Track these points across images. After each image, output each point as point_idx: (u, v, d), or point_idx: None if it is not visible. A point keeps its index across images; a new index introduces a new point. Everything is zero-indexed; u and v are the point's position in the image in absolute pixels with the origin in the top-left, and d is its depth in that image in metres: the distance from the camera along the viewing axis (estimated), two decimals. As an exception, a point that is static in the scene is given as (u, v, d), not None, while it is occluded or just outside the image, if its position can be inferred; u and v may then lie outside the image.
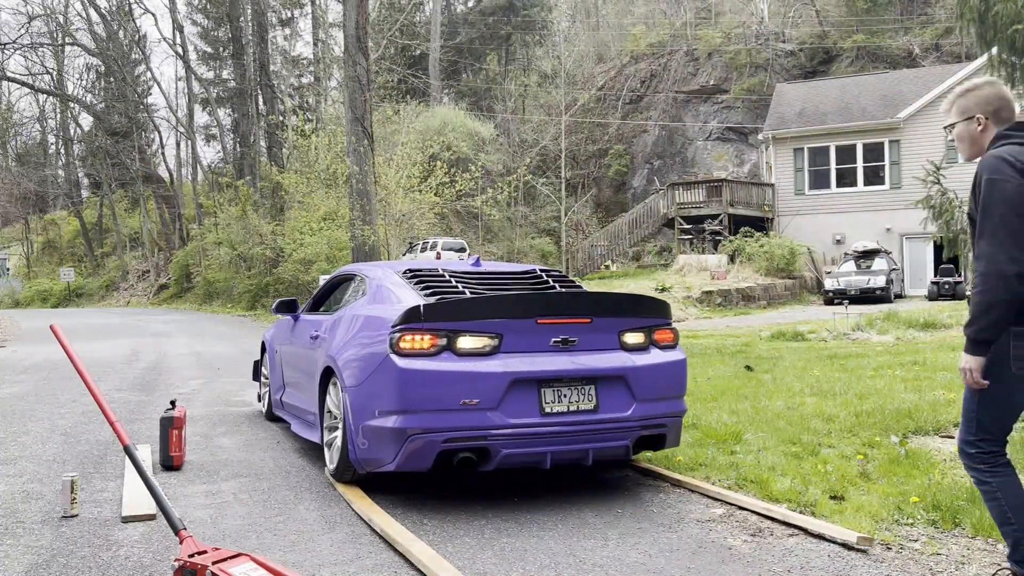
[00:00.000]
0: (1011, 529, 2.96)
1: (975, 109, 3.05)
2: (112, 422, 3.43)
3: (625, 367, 4.41)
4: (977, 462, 2.98)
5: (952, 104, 3.13)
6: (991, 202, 2.81)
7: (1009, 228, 2.77)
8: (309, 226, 24.91)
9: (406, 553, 3.53)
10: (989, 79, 3.18)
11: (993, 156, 2.89)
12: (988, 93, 3.05)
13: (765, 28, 37.71)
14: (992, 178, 2.83)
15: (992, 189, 2.82)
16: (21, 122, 53.46)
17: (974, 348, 2.85)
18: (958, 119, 3.09)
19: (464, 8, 46.58)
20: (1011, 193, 2.79)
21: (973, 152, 3.09)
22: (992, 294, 2.77)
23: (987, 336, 2.82)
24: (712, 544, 3.74)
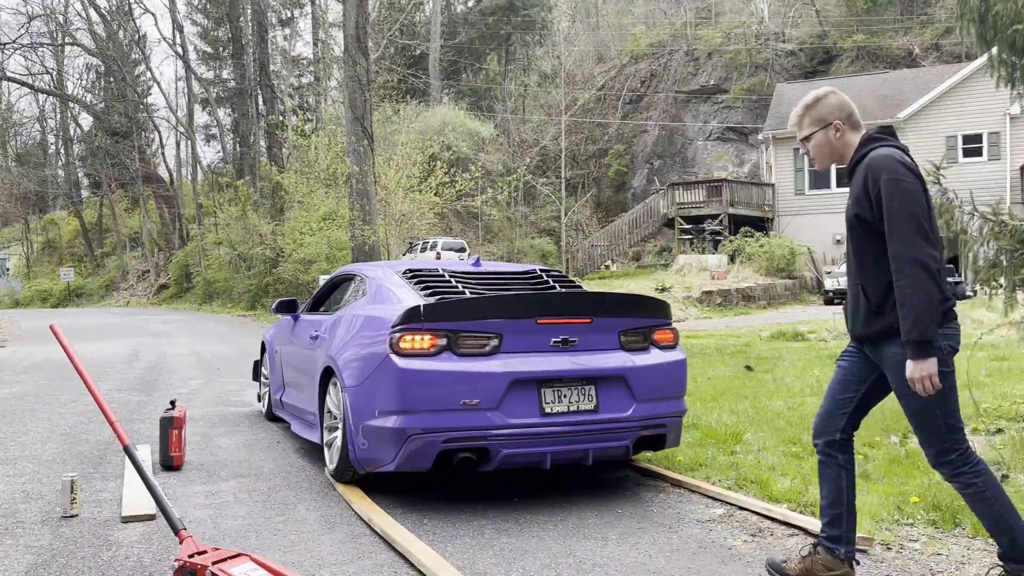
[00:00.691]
0: (1006, 527, 2.90)
1: (830, 116, 3.07)
2: (112, 422, 3.43)
3: (625, 367, 4.41)
4: (961, 465, 2.91)
5: (802, 117, 3.13)
6: (896, 203, 2.80)
7: (918, 227, 2.77)
8: (309, 226, 24.91)
9: (406, 553, 3.53)
10: (829, 88, 3.19)
11: (886, 157, 2.88)
12: (838, 100, 3.08)
13: (765, 28, 37.72)
14: (894, 178, 2.82)
15: (895, 189, 2.81)
16: (21, 122, 53.47)
17: (924, 351, 2.77)
18: (816, 128, 3.10)
19: (464, 8, 46.58)
20: (913, 192, 2.81)
21: (832, 159, 3.12)
22: (925, 292, 2.75)
23: (931, 335, 2.77)
24: (712, 544, 3.74)
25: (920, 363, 2.78)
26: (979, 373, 8.00)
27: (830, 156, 3.12)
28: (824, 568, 3.12)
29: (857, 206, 2.94)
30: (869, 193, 2.89)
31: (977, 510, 2.94)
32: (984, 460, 3.01)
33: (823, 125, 3.08)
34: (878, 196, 2.85)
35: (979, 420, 5.83)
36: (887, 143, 2.98)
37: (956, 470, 2.91)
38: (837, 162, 3.14)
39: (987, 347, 9.79)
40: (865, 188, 2.90)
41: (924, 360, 2.77)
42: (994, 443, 5.23)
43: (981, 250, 5.46)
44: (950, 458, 2.91)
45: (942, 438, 2.90)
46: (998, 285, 5.54)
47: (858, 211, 2.94)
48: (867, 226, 2.93)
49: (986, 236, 5.37)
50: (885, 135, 3.03)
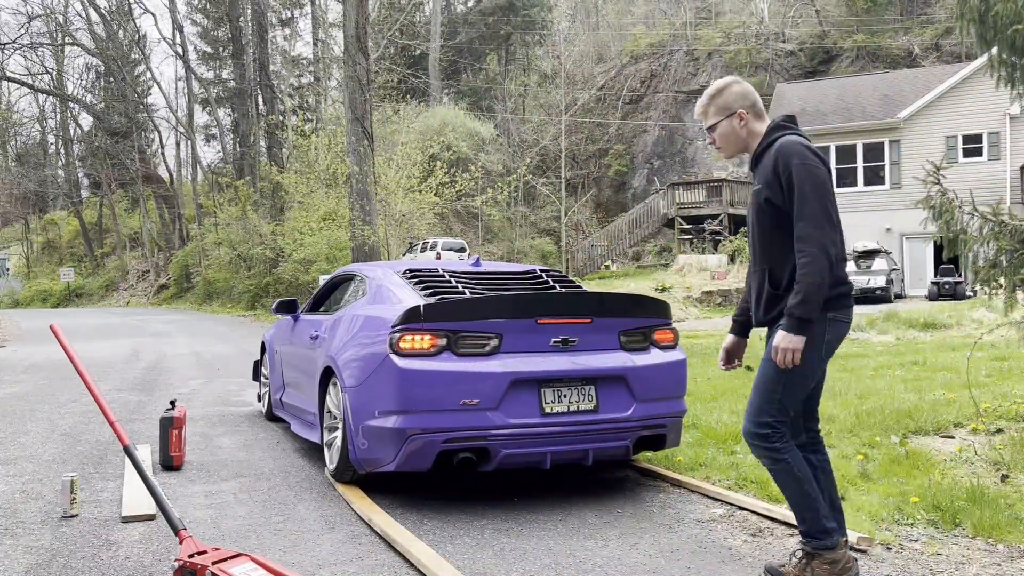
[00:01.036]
0: (806, 502, 2.97)
1: (735, 105, 3.11)
2: (112, 422, 3.43)
3: (625, 367, 4.41)
4: (774, 440, 2.97)
5: (707, 107, 3.16)
6: (808, 187, 2.85)
7: (826, 212, 2.84)
8: (309, 226, 24.91)
9: (406, 553, 3.53)
10: (734, 77, 3.21)
11: (796, 143, 2.93)
12: (741, 89, 3.12)
13: (765, 28, 37.73)
14: (805, 163, 2.87)
15: (806, 173, 2.86)
16: (21, 122, 53.47)
17: (801, 328, 2.85)
18: (720, 118, 3.13)
19: (464, 8, 46.58)
20: (823, 178, 2.87)
21: (739, 147, 3.15)
22: (821, 275, 2.81)
23: (814, 316, 2.85)
24: (712, 544, 3.74)
25: (791, 336, 2.86)
26: (979, 373, 8.00)
27: (736, 144, 3.15)
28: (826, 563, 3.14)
29: (768, 190, 2.97)
30: (780, 177, 2.93)
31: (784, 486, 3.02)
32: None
33: (728, 114, 3.11)
34: (789, 180, 2.89)
35: (979, 420, 5.83)
36: (793, 131, 3.04)
37: (767, 443, 2.98)
38: (743, 151, 3.17)
39: (987, 347, 9.79)
40: (776, 173, 2.93)
41: (796, 335, 2.85)
42: (994, 443, 5.23)
43: (981, 250, 5.46)
44: (765, 431, 2.98)
45: (770, 411, 2.97)
46: (998, 285, 5.54)
47: (769, 195, 2.97)
48: (776, 210, 2.97)
49: (986, 236, 5.37)
50: (789, 123, 3.08)
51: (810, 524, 3.01)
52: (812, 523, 3.00)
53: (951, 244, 5.48)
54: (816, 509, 2.99)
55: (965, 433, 5.65)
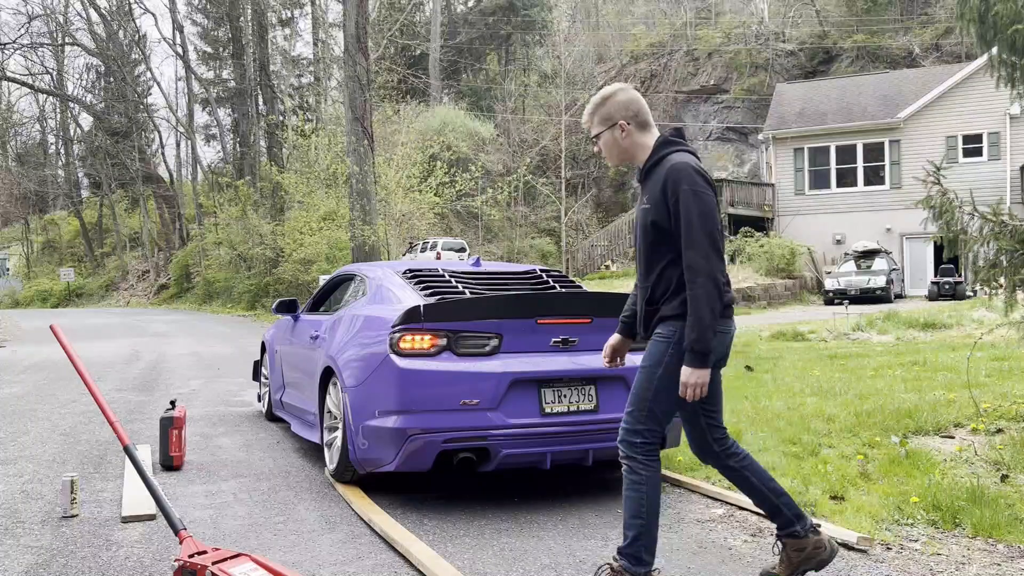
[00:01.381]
0: (638, 523, 2.96)
1: (616, 115, 3.05)
2: (112, 422, 3.43)
3: (625, 367, 4.40)
4: (638, 451, 2.96)
5: (592, 115, 3.11)
6: (694, 214, 2.82)
7: (713, 241, 2.81)
8: (309, 226, 24.92)
9: (406, 553, 3.53)
10: (621, 85, 3.16)
11: (686, 166, 2.89)
12: (625, 98, 3.06)
13: (765, 28, 37.73)
14: (695, 190, 2.84)
15: (695, 201, 2.83)
16: (21, 122, 53.51)
17: (703, 360, 2.83)
18: (603, 128, 3.08)
19: (464, 8, 46.59)
20: (711, 206, 2.84)
21: (623, 158, 3.11)
22: (712, 305, 2.80)
23: (711, 345, 2.83)
24: (712, 544, 3.74)
25: (696, 371, 2.83)
26: (979, 373, 8.00)
27: (619, 155, 3.11)
28: (798, 551, 3.13)
29: (655, 212, 2.94)
30: (667, 201, 2.89)
31: (627, 497, 2.99)
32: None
33: (609, 125, 3.06)
34: (676, 205, 2.86)
35: (979, 420, 5.83)
36: (681, 148, 3.00)
37: (633, 452, 2.96)
38: (628, 161, 3.12)
39: (987, 347, 9.79)
40: (664, 195, 2.90)
41: (700, 369, 2.83)
42: (994, 443, 5.23)
43: (981, 250, 5.46)
44: (635, 440, 2.97)
45: (641, 419, 2.96)
46: (998, 285, 5.54)
47: (655, 218, 2.94)
48: (659, 231, 2.95)
49: (986, 236, 5.37)
50: (678, 139, 3.04)
51: (629, 543, 2.98)
52: (631, 544, 2.97)
53: (951, 244, 5.48)
54: (639, 535, 2.96)
55: (965, 433, 5.65)
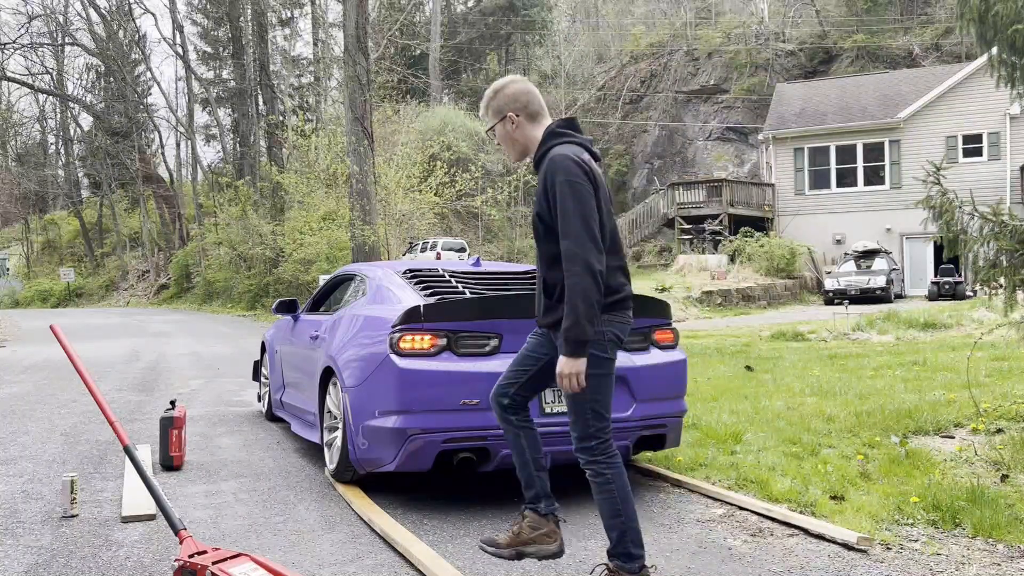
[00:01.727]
0: (619, 521, 2.95)
1: (506, 108, 3.06)
2: (112, 422, 3.43)
3: (625, 367, 4.41)
4: (598, 453, 2.97)
5: (486, 108, 3.13)
6: (571, 205, 2.82)
7: (588, 229, 2.81)
8: (309, 226, 24.92)
9: (406, 553, 3.53)
10: (513, 77, 3.17)
11: (563, 157, 2.89)
12: (514, 90, 3.07)
13: (765, 28, 37.73)
14: (570, 180, 2.84)
15: (569, 190, 2.83)
16: (21, 122, 53.49)
17: (578, 350, 2.83)
18: (495, 121, 3.11)
19: (464, 8, 46.59)
20: (586, 196, 2.84)
21: (518, 151, 3.12)
22: (588, 295, 2.79)
23: (589, 335, 2.83)
24: (712, 544, 3.74)
25: (571, 360, 2.83)
26: (979, 373, 8.00)
27: (514, 148, 3.12)
28: (531, 528, 3.13)
29: (539, 205, 2.97)
30: (547, 192, 2.91)
31: (600, 500, 3.00)
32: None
33: (500, 117, 3.09)
34: (554, 196, 2.88)
35: (979, 420, 5.83)
36: (568, 139, 2.99)
37: (593, 457, 2.97)
38: (524, 154, 3.13)
39: (987, 347, 9.79)
40: (544, 188, 2.92)
41: (576, 359, 2.83)
42: (994, 443, 5.23)
43: (981, 250, 5.46)
44: (590, 444, 2.97)
45: (588, 423, 2.96)
46: (998, 285, 5.54)
47: (539, 210, 2.97)
48: (546, 225, 2.96)
49: (986, 236, 5.37)
50: (567, 129, 3.02)
51: (616, 543, 2.98)
52: (619, 543, 2.97)
53: (951, 244, 5.48)
54: (624, 532, 2.96)
55: (965, 433, 5.65)
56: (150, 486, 3.35)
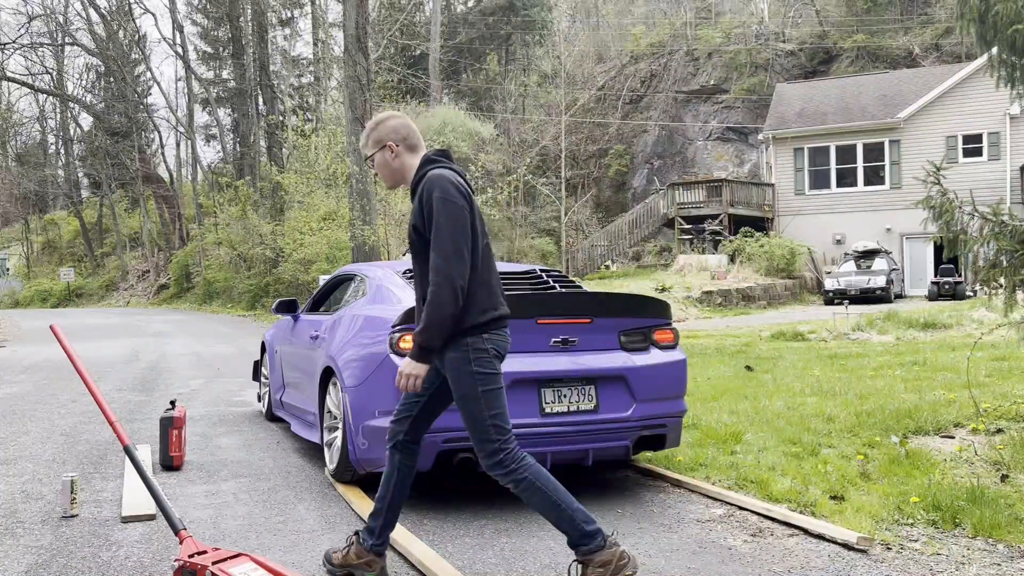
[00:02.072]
0: (560, 511, 3.00)
1: (387, 138, 3.25)
2: (112, 422, 3.43)
3: (625, 367, 4.41)
4: (509, 463, 3.03)
5: (367, 138, 3.30)
6: (442, 219, 2.97)
7: (456, 245, 2.95)
8: (309, 226, 24.91)
9: (406, 553, 3.53)
10: (393, 113, 3.37)
11: (439, 177, 3.04)
12: (395, 123, 3.27)
13: (765, 28, 37.73)
14: (444, 198, 2.99)
15: (443, 207, 2.98)
16: (21, 122, 53.47)
17: (424, 356, 3.02)
18: (375, 150, 3.27)
19: (464, 8, 46.58)
20: (459, 214, 2.99)
21: (394, 179, 3.28)
22: (447, 307, 2.94)
23: (437, 344, 3.00)
24: (712, 544, 3.74)
25: (414, 364, 3.03)
26: (979, 373, 8.00)
27: (391, 175, 3.29)
28: (356, 557, 3.25)
29: (415, 218, 3.10)
30: (423, 209, 3.04)
31: (532, 502, 3.05)
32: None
33: (380, 147, 3.25)
34: (429, 212, 3.01)
35: (979, 420, 5.83)
36: (442, 165, 3.17)
37: (506, 469, 3.04)
38: (400, 182, 3.29)
39: (987, 347, 9.79)
40: (421, 204, 3.05)
41: (419, 363, 3.03)
42: (994, 443, 5.23)
43: (981, 250, 5.46)
44: (499, 458, 3.04)
45: (491, 439, 3.04)
46: (998, 285, 5.54)
47: (415, 222, 3.09)
48: (423, 241, 3.08)
49: (986, 236, 5.37)
50: (441, 157, 3.22)
51: (570, 532, 3.02)
52: (571, 530, 3.01)
53: (951, 244, 5.48)
54: (571, 517, 3.00)
55: (965, 433, 5.65)
56: (150, 486, 3.35)
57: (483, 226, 3.12)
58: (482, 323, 3.05)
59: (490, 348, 3.06)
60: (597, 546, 2.98)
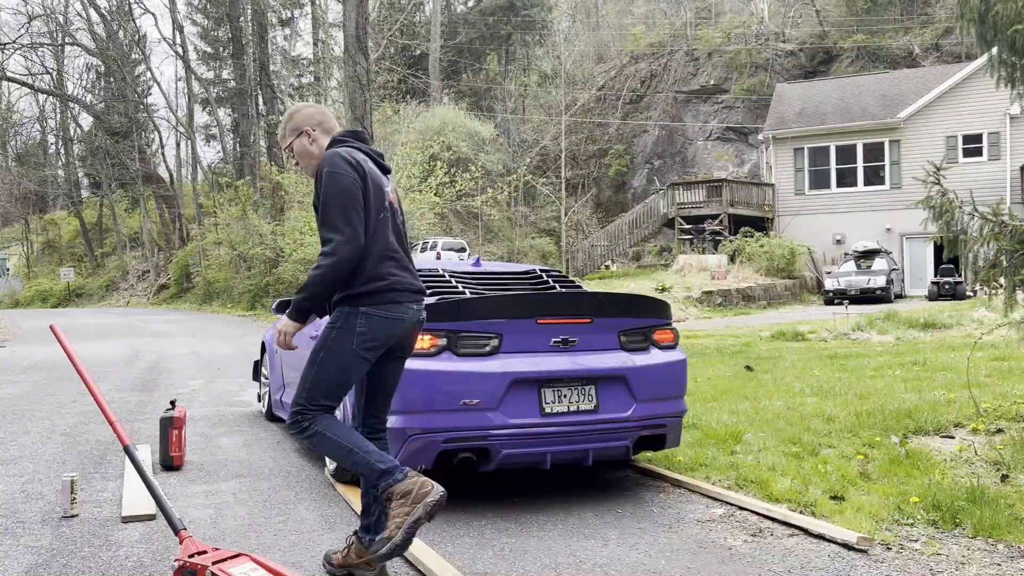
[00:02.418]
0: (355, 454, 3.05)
1: (303, 125, 3.32)
2: (112, 422, 3.43)
3: (625, 367, 4.41)
4: (302, 423, 3.10)
5: (284, 128, 3.39)
6: (330, 192, 3.06)
7: (345, 215, 3.03)
8: (309, 226, 24.89)
9: (406, 553, 3.52)
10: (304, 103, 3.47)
11: (332, 153, 3.15)
12: (310, 111, 3.36)
13: (765, 28, 37.73)
14: (331, 171, 3.08)
15: (331, 181, 3.07)
16: (21, 122, 53.44)
17: (298, 315, 3.10)
18: (293, 138, 3.35)
19: (464, 8, 46.58)
20: (346, 184, 3.07)
21: (315, 165, 3.31)
22: (327, 271, 3.00)
23: (312, 307, 3.08)
24: (712, 544, 3.74)
25: (287, 321, 3.13)
26: (979, 373, 8.00)
27: (310, 161, 3.33)
28: (357, 556, 3.25)
29: (314, 196, 3.19)
30: (318, 187, 3.14)
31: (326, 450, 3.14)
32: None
33: (297, 134, 3.34)
34: (321, 187, 3.11)
35: (979, 420, 5.83)
36: (348, 144, 3.25)
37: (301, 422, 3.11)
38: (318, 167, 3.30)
39: (987, 347, 9.79)
40: (317, 182, 3.15)
41: (292, 321, 3.11)
42: (994, 443, 5.23)
43: (981, 250, 5.46)
44: (297, 419, 3.12)
45: (313, 400, 3.11)
46: (998, 285, 5.54)
47: (314, 200, 3.19)
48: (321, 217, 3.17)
49: (986, 236, 5.37)
50: (349, 137, 3.29)
51: (367, 473, 3.07)
52: (368, 471, 3.06)
53: (951, 244, 5.48)
54: (366, 460, 3.06)
55: (965, 433, 5.65)
56: (150, 486, 3.35)
57: (382, 202, 3.17)
58: (360, 294, 3.09)
59: (365, 321, 3.09)
60: (396, 480, 3.02)
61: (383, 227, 3.17)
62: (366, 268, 3.08)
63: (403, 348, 3.30)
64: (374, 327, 3.10)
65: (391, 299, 3.14)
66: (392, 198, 3.30)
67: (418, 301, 3.25)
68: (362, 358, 3.12)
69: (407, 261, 3.27)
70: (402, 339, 3.24)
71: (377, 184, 3.17)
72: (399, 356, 3.32)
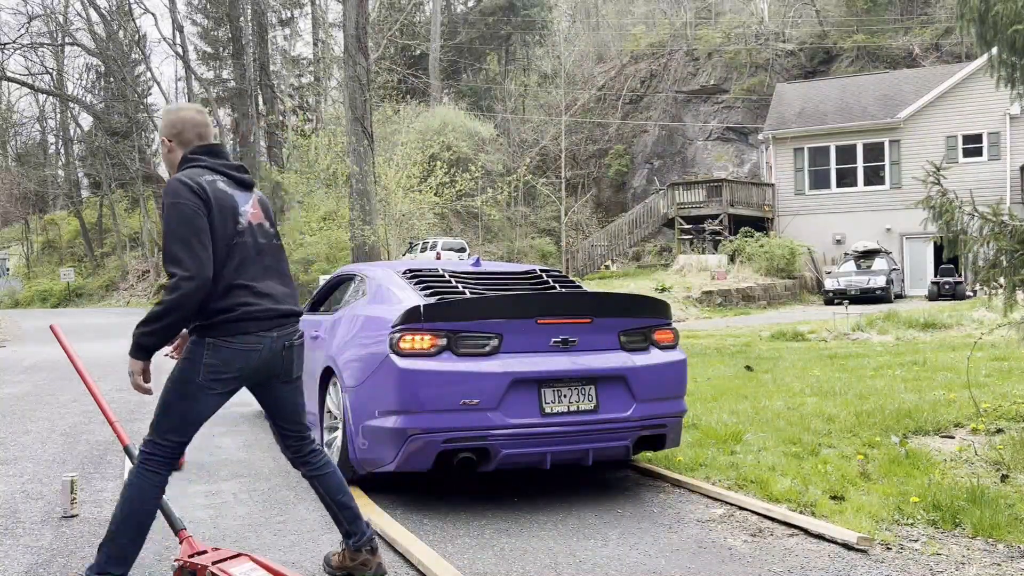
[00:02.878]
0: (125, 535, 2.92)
1: (163, 132, 3.20)
2: (112, 422, 3.43)
3: (625, 367, 4.41)
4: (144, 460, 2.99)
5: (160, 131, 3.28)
6: (173, 223, 2.92)
7: (187, 247, 2.88)
8: (309, 226, 24.93)
9: (406, 553, 3.53)
10: (182, 105, 3.31)
11: (174, 180, 3.00)
12: (173, 118, 3.18)
13: (765, 28, 37.73)
14: (173, 202, 2.93)
15: (171, 212, 2.93)
16: (21, 122, 53.47)
17: (139, 352, 2.96)
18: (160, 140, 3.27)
19: (464, 8, 46.58)
20: (188, 214, 2.91)
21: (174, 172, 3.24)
22: (170, 306, 2.86)
23: (151, 343, 2.94)
24: (712, 544, 3.74)
25: (131, 360, 2.99)
26: (979, 373, 8.00)
27: (172, 170, 3.21)
28: (351, 559, 3.29)
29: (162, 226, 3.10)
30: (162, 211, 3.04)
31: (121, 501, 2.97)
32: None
33: (161, 140, 3.24)
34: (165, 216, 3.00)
35: (979, 420, 5.83)
36: (197, 163, 3.07)
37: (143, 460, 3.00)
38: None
39: (987, 347, 9.79)
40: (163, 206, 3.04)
41: (133, 358, 2.98)
42: (994, 443, 5.23)
43: (981, 250, 5.46)
44: (146, 449, 3.01)
45: (163, 430, 3.01)
46: (998, 285, 5.54)
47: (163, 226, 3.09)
48: None
49: (986, 236, 5.37)
50: (201, 154, 3.10)
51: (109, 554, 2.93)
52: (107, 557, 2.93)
53: (951, 244, 5.48)
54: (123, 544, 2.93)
55: (965, 433, 5.65)
56: (150, 486, 3.34)
57: (234, 226, 3.01)
58: (206, 325, 2.97)
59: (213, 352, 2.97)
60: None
61: (237, 252, 3.01)
62: (214, 299, 2.94)
63: (285, 373, 3.14)
64: (222, 359, 2.97)
65: (241, 330, 2.98)
66: (252, 216, 3.11)
67: (281, 326, 3.07)
68: (210, 390, 2.99)
69: (272, 284, 3.10)
70: (272, 367, 3.08)
71: (226, 207, 3.00)
72: (285, 381, 3.17)
